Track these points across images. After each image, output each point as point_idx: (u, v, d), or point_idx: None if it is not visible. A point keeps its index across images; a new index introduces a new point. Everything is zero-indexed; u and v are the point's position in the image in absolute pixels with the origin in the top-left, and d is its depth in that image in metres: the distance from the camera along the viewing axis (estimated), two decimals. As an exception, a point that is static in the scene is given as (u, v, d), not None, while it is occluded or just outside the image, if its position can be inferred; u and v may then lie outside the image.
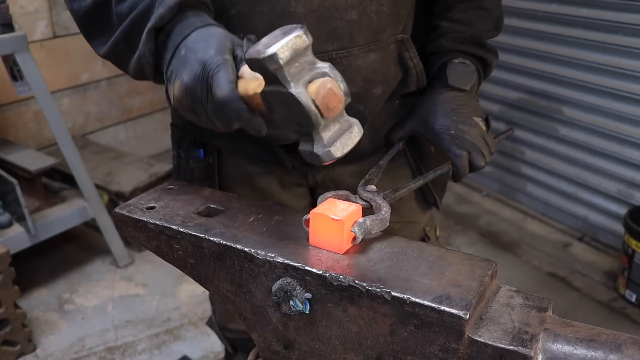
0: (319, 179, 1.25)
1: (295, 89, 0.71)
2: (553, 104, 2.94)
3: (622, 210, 2.72)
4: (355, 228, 0.81)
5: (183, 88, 0.84)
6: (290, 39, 0.70)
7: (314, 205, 0.87)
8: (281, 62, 0.70)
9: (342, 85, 0.74)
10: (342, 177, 1.24)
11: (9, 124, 3.00)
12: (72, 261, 2.84)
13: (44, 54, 3.03)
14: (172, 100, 0.88)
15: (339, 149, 0.75)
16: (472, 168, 1.14)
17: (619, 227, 2.74)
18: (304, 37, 0.72)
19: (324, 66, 0.74)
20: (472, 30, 1.20)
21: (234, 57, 0.84)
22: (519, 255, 2.89)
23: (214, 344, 2.29)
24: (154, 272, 2.76)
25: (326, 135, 0.74)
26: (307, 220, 0.83)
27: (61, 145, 2.51)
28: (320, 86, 0.71)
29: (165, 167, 3.01)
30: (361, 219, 0.82)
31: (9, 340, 2.21)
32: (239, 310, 0.87)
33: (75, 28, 1.12)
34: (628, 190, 2.74)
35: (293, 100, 0.71)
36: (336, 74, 0.73)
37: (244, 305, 0.86)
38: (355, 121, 0.78)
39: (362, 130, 0.78)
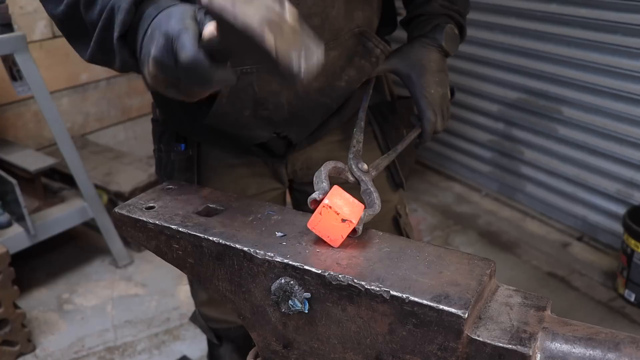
0: (297, 168, 1.32)
1: (242, 18, 0.67)
2: (553, 104, 2.94)
3: (621, 210, 2.72)
4: (359, 226, 0.83)
5: (153, 62, 0.83)
6: None
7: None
8: None
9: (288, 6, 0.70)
10: (318, 161, 1.29)
11: (9, 124, 3.00)
12: (72, 261, 2.84)
13: (44, 54, 3.03)
14: (147, 81, 0.87)
15: (305, 68, 0.70)
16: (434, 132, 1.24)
17: (618, 227, 2.74)
18: None
19: None
20: (455, 6, 1.30)
21: (197, 22, 0.82)
22: (518, 255, 2.89)
23: (214, 343, 2.29)
24: (153, 272, 2.76)
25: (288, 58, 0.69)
26: (314, 201, 0.83)
27: (60, 145, 2.50)
28: (265, 10, 0.68)
29: (164, 167, 3.01)
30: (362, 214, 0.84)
31: (8, 340, 2.21)
32: (238, 310, 0.87)
33: (75, 28, 1.13)
34: (627, 190, 2.74)
35: (242, 29, 0.67)
36: None
37: (243, 305, 0.86)
38: (312, 36, 0.73)
39: (321, 43, 0.74)
